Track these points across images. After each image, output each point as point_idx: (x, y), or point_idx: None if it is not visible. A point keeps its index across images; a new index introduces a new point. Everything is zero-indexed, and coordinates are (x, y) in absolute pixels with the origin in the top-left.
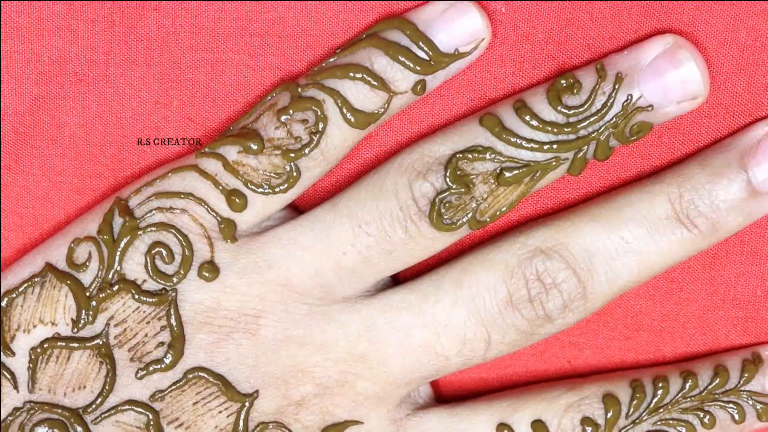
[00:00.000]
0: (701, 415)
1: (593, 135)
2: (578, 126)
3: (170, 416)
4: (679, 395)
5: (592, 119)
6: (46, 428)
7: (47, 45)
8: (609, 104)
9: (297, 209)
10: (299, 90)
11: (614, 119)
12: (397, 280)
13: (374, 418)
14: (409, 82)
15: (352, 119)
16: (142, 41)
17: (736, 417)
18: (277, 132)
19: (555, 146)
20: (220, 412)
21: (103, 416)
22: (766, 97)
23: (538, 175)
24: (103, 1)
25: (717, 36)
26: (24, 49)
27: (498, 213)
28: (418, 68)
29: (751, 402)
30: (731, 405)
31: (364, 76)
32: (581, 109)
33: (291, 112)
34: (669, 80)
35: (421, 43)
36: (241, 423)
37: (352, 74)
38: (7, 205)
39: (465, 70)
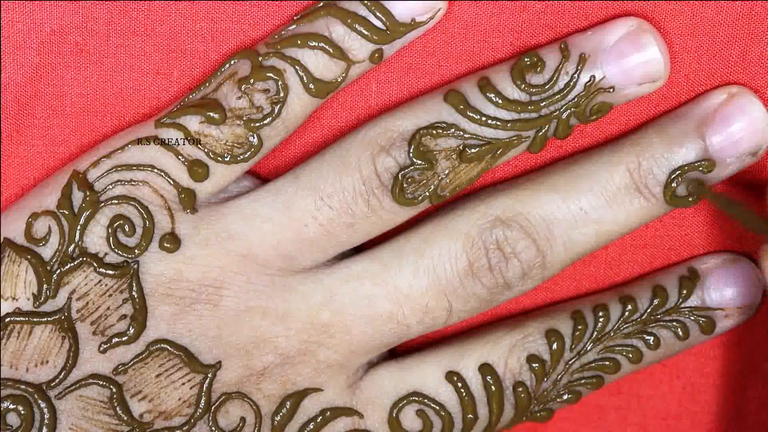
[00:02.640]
0: (645, 337)
1: (555, 114)
2: (540, 105)
3: (133, 389)
4: (621, 321)
5: (554, 98)
6: (10, 404)
7: (48, 15)
8: (571, 84)
9: (258, 176)
10: (260, 59)
11: (576, 99)
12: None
13: (333, 384)
14: (367, 51)
15: (313, 88)
16: (142, 11)
17: (680, 334)
18: (238, 102)
19: (518, 124)
20: (183, 383)
21: (66, 391)
22: (721, 65)
23: (499, 152)
24: None
25: (673, 6)
26: (25, 18)
27: (458, 188)
28: (375, 38)
29: (693, 318)
30: (674, 323)
31: (324, 45)
32: (544, 88)
33: (252, 81)
34: (631, 63)
35: (378, 13)
36: (203, 394)
37: (311, 43)
38: (8, 175)
39: (463, 41)
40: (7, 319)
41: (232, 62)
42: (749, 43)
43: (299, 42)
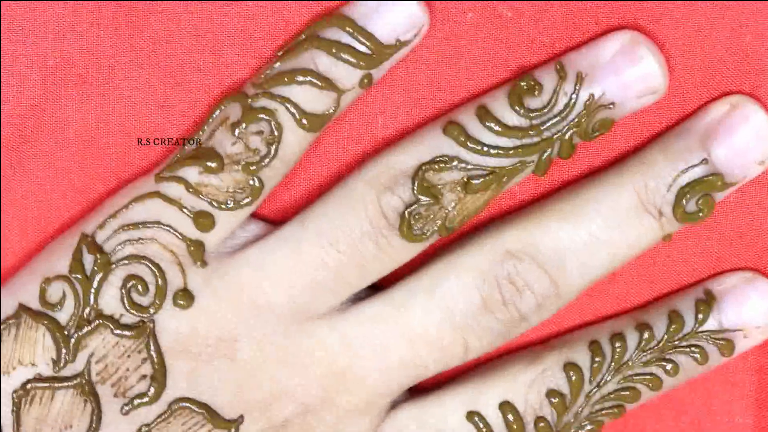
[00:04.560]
0: (664, 364)
1: (557, 136)
2: (542, 128)
3: None
4: (638, 350)
5: (555, 120)
6: None
7: (51, 47)
8: (571, 104)
9: (265, 218)
10: (249, 101)
11: (577, 119)
12: None
13: (356, 430)
14: (355, 78)
15: (306, 123)
16: (146, 43)
17: (699, 359)
18: (234, 147)
19: (520, 150)
20: None
21: None
22: (720, 76)
23: (504, 180)
24: (107, 2)
25: (667, 16)
26: (28, 51)
27: (466, 218)
28: (362, 64)
29: (711, 341)
30: (692, 348)
31: (311, 78)
32: (544, 111)
33: (244, 125)
34: (629, 77)
35: (361, 38)
36: None
37: (299, 78)
38: (9, 206)
39: (470, 75)
40: (29, 386)
41: (222, 107)
42: (749, 52)
43: (286, 79)
